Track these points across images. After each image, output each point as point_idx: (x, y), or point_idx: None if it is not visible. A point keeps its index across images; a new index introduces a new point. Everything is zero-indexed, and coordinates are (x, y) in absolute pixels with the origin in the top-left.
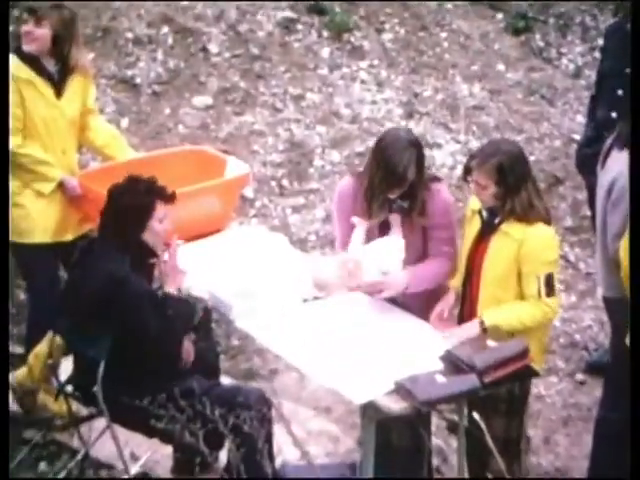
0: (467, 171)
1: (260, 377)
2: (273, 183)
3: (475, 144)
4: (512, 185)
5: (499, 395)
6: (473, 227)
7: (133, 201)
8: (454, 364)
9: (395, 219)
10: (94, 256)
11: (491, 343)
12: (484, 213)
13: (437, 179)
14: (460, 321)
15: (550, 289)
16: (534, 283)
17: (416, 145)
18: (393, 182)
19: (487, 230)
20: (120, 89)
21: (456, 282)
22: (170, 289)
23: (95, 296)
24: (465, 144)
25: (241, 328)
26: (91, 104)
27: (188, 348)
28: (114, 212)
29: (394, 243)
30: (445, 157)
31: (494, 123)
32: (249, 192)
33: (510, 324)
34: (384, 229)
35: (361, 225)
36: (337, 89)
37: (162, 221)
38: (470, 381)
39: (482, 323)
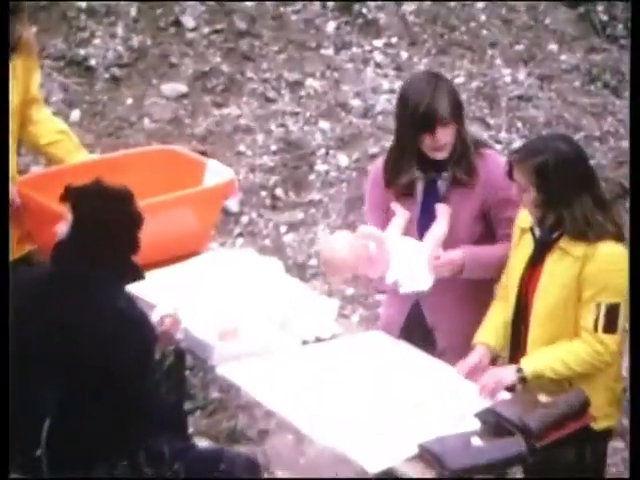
0: (510, 168)
1: (246, 440)
2: (264, 193)
3: (519, 145)
4: (557, 192)
5: (563, 463)
6: (523, 249)
7: (122, 212)
8: (495, 424)
9: (442, 208)
10: (85, 292)
11: (542, 397)
12: (536, 230)
13: (486, 144)
14: None
15: (611, 324)
16: (592, 313)
17: (444, 79)
18: (423, 123)
19: (542, 251)
20: (70, 73)
21: (490, 337)
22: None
23: (105, 341)
24: (507, 144)
25: (223, 377)
26: (35, 92)
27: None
28: (98, 228)
29: (427, 247)
30: None
31: (544, 118)
32: (233, 205)
33: (553, 368)
34: (428, 222)
35: (401, 215)
36: (345, 74)
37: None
38: (515, 445)
39: (520, 370)
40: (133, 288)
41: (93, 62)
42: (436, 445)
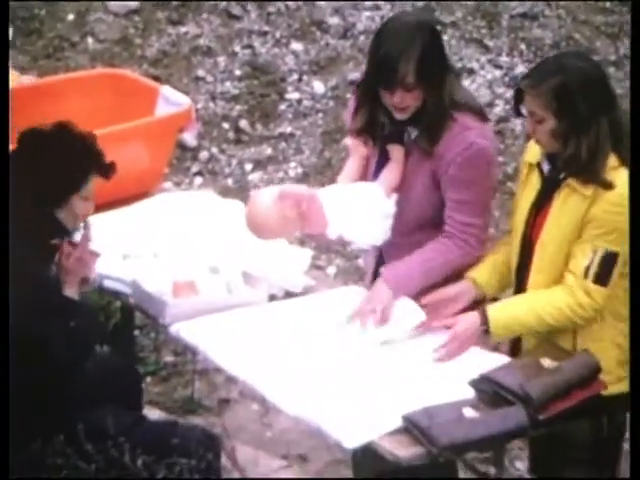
0: (518, 97)
1: (205, 410)
2: (226, 125)
3: (523, 70)
4: (580, 117)
5: (576, 439)
6: (530, 188)
7: (61, 163)
8: (492, 393)
9: (396, 151)
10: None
11: (546, 362)
12: (545, 166)
13: (475, 111)
14: None
15: (604, 275)
16: (586, 256)
17: (425, 29)
18: (382, 76)
19: (550, 189)
20: None
21: (481, 274)
22: (70, 286)
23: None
24: (509, 69)
25: (178, 337)
26: None
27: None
28: (23, 171)
29: (378, 191)
30: (479, 88)
31: (551, 39)
32: (190, 138)
33: (522, 321)
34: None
35: (356, 152)
36: None
37: (88, 199)
38: (514, 417)
39: (485, 322)
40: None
41: None
42: (423, 417)
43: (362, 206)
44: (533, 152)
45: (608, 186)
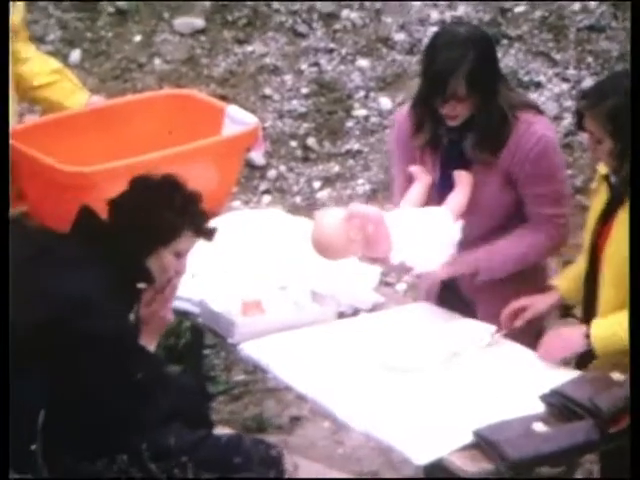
0: (580, 117)
1: (275, 428)
2: (294, 143)
3: (591, 82)
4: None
5: None
6: (599, 199)
7: (154, 215)
8: (561, 407)
9: (463, 176)
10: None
11: (615, 375)
12: (613, 179)
13: (532, 107)
14: None
15: None
16: None
17: (476, 42)
18: (434, 91)
19: (616, 203)
20: (69, 7)
21: (564, 281)
22: (147, 335)
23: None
24: (576, 83)
25: (248, 356)
26: (17, 23)
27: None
28: (118, 213)
29: (446, 216)
30: (547, 102)
31: (618, 51)
32: (258, 157)
33: (622, 336)
34: (448, 186)
35: (422, 178)
36: (387, 3)
37: (180, 256)
38: (584, 431)
39: (588, 336)
40: None
41: None
42: (493, 432)
43: (429, 232)
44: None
45: None
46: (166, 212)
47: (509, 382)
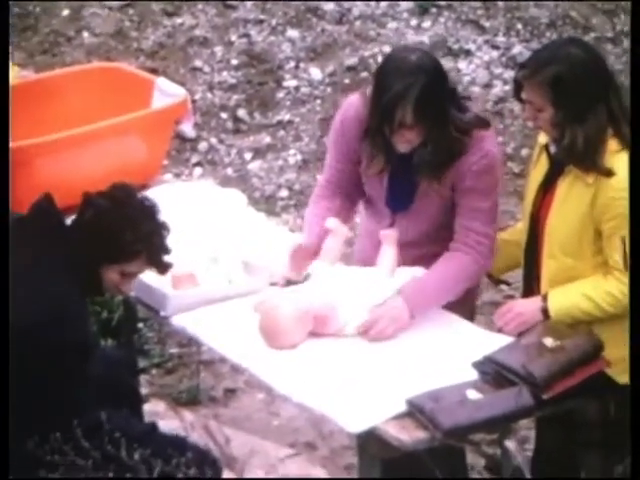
0: (518, 86)
1: (210, 400)
2: (224, 115)
3: (520, 50)
4: (576, 107)
5: (584, 419)
6: (539, 169)
7: (116, 231)
8: (495, 374)
9: (388, 237)
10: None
11: (548, 341)
12: (552, 148)
13: (483, 125)
14: None
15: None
16: (618, 248)
17: (425, 69)
18: (383, 120)
19: (556, 173)
20: None
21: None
22: None
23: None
24: (506, 50)
25: (181, 328)
26: None
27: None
28: (88, 214)
29: (387, 279)
30: (477, 69)
31: (548, 18)
32: (189, 129)
33: (581, 307)
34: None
35: (337, 234)
36: None
37: (125, 277)
38: (518, 397)
39: (544, 309)
40: None
41: None
42: (427, 400)
43: (373, 299)
44: (544, 134)
45: (608, 173)
46: (129, 234)
47: (442, 350)
